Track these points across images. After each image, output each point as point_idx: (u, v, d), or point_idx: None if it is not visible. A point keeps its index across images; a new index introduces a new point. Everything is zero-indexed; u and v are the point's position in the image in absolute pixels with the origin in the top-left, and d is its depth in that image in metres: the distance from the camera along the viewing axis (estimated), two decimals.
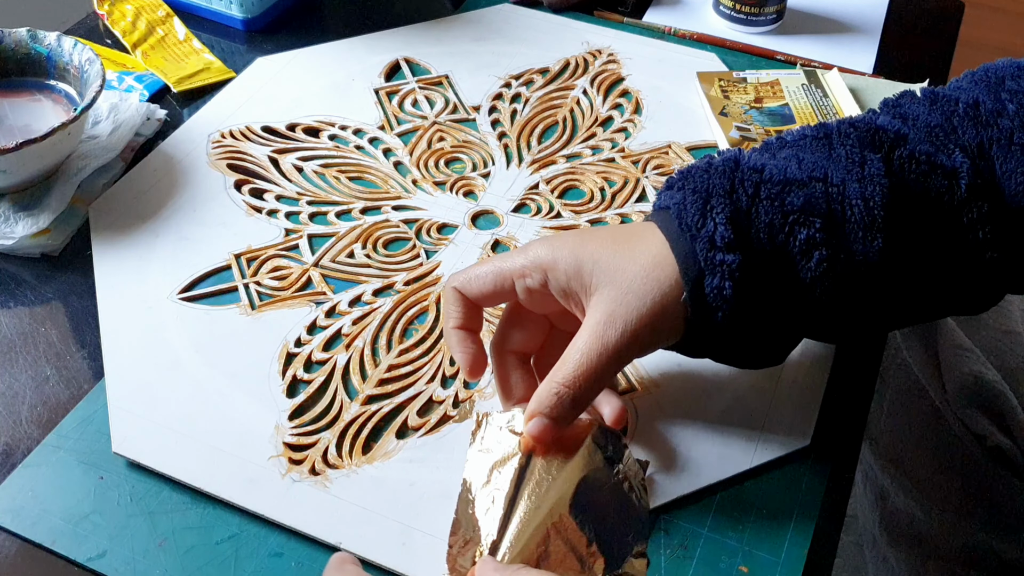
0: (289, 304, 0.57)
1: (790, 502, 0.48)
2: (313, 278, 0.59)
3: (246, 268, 0.59)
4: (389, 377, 0.53)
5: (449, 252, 0.61)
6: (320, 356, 0.54)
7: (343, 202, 0.64)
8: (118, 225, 0.61)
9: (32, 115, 0.65)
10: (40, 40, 0.66)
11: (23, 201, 0.62)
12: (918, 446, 0.76)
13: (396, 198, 0.65)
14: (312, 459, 0.49)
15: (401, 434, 0.51)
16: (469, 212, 0.64)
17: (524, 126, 0.71)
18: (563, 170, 0.67)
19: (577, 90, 0.74)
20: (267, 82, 0.74)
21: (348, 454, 0.49)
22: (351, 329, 0.56)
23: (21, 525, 0.46)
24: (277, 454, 0.49)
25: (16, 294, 0.58)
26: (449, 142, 0.69)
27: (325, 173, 0.66)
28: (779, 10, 0.81)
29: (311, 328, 0.56)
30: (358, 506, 0.47)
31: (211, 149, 0.67)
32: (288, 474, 0.48)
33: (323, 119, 0.70)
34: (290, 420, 0.51)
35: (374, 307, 0.57)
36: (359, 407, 0.52)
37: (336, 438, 0.50)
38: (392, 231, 0.62)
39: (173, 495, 0.47)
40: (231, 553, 0.45)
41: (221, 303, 0.57)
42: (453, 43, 0.79)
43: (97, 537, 0.46)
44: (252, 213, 0.63)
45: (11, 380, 0.53)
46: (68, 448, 0.49)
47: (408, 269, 0.60)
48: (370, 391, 0.52)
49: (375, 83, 0.74)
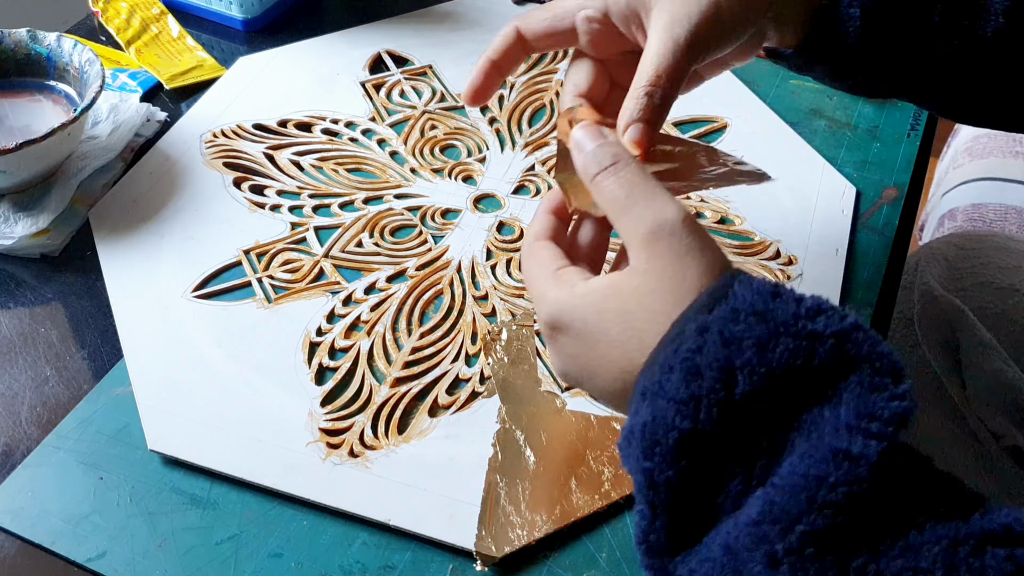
0: (304, 295, 0.57)
1: None
2: (325, 269, 0.59)
3: (256, 263, 0.59)
4: (414, 359, 0.54)
5: (456, 236, 0.62)
6: (343, 343, 0.55)
7: (345, 193, 0.64)
8: (121, 229, 0.61)
9: (32, 116, 0.65)
10: (40, 40, 0.66)
11: (23, 201, 0.61)
12: (936, 445, 0.75)
13: (397, 187, 0.65)
14: (349, 442, 0.50)
15: (433, 412, 0.52)
16: (470, 196, 0.65)
17: (513, 111, 0.72)
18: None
19: (560, 73, 0.76)
20: (252, 81, 0.74)
21: (384, 435, 0.50)
22: (370, 316, 0.56)
23: (21, 525, 0.46)
24: (314, 440, 0.50)
25: (16, 294, 0.58)
26: (441, 130, 0.70)
27: (323, 166, 0.66)
28: None
29: (330, 317, 0.56)
30: (402, 483, 0.48)
31: (205, 149, 0.67)
32: (328, 458, 0.49)
33: (314, 114, 0.71)
34: (322, 406, 0.51)
35: (389, 293, 0.58)
36: (388, 389, 0.52)
37: (370, 420, 0.51)
38: (397, 219, 0.63)
39: (173, 496, 0.48)
40: (231, 554, 0.45)
41: (236, 298, 0.57)
42: (432, 34, 0.80)
43: (97, 538, 0.46)
44: (255, 209, 0.63)
45: (11, 380, 0.53)
46: (68, 449, 0.49)
47: (418, 255, 0.60)
48: (397, 373, 0.53)
49: (360, 76, 0.75)
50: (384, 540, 0.46)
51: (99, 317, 0.57)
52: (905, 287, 0.77)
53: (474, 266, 0.60)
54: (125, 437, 0.50)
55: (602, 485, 0.48)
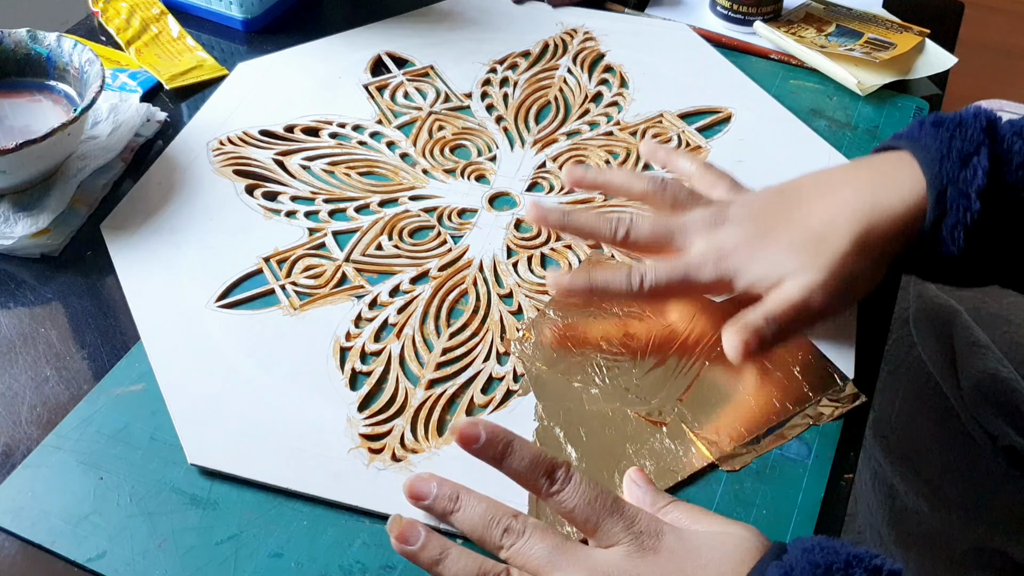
0: (330, 300, 0.57)
1: (789, 504, 0.48)
2: (347, 273, 0.59)
3: (278, 270, 0.59)
4: (445, 360, 0.54)
5: (474, 235, 0.62)
6: (373, 347, 0.54)
7: (359, 197, 0.64)
8: (136, 241, 0.60)
9: (32, 116, 0.64)
10: (40, 40, 0.65)
11: (23, 201, 0.61)
12: (930, 445, 0.75)
13: (411, 188, 0.65)
14: (391, 447, 0.49)
15: (470, 413, 0.52)
16: (485, 195, 0.65)
17: (518, 109, 0.72)
18: (566, 147, 0.69)
19: (562, 70, 0.76)
20: (253, 86, 0.73)
21: (425, 438, 0.50)
22: (397, 318, 0.56)
23: (21, 525, 0.46)
24: (356, 446, 0.49)
25: (16, 295, 0.58)
26: (449, 130, 0.70)
27: (334, 171, 0.66)
28: (775, 10, 0.82)
29: (357, 321, 0.56)
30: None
31: (213, 157, 0.66)
32: (371, 463, 0.49)
33: (320, 118, 0.70)
34: (359, 411, 0.51)
35: (414, 295, 0.58)
36: (424, 392, 0.52)
37: (409, 423, 0.51)
38: (414, 220, 0.63)
39: (173, 496, 0.47)
40: (231, 554, 0.45)
41: (261, 307, 0.57)
42: (430, 34, 0.79)
43: (97, 538, 0.46)
44: (270, 216, 0.62)
45: (11, 381, 0.53)
46: (68, 449, 0.49)
47: (439, 255, 0.60)
48: (430, 375, 0.53)
49: (362, 79, 0.74)
50: (384, 540, 0.45)
51: (99, 317, 0.56)
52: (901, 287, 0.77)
53: (496, 264, 0.60)
54: (125, 437, 0.50)
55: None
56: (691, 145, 0.69)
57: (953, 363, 0.72)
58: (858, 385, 0.53)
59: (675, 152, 0.62)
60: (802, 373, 0.53)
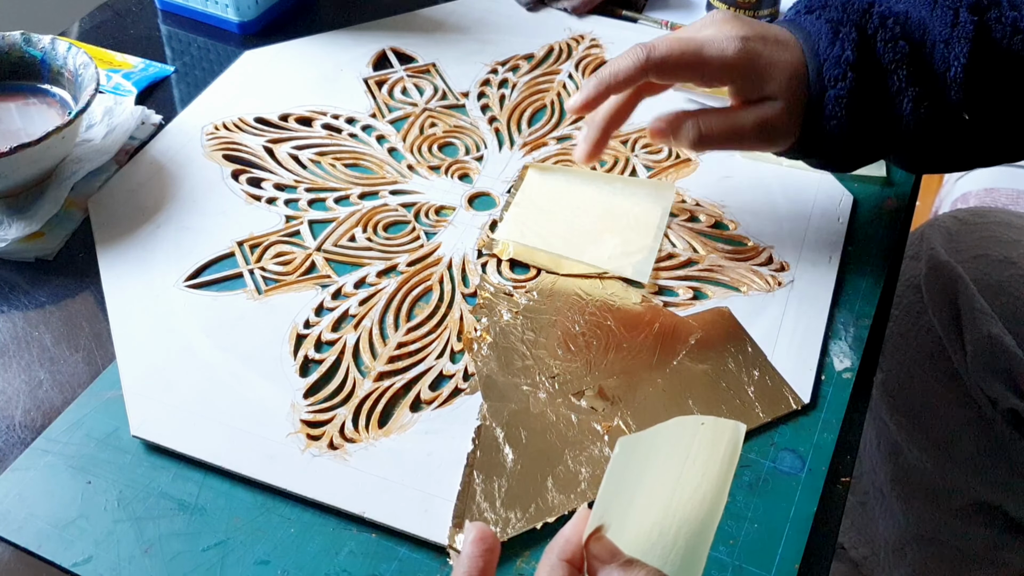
0: (295, 288, 0.58)
1: (782, 517, 0.48)
2: (317, 262, 0.60)
3: (249, 255, 0.60)
4: (399, 354, 0.54)
5: (448, 233, 0.62)
6: (330, 336, 0.55)
7: (341, 188, 0.65)
8: (119, 217, 0.62)
9: (26, 119, 0.65)
10: (34, 44, 0.66)
11: (16, 204, 0.62)
12: (936, 405, 0.77)
13: (393, 183, 0.66)
14: (330, 434, 0.50)
15: (415, 407, 0.52)
16: (465, 194, 0.65)
17: (513, 110, 0.72)
18: (554, 152, 0.69)
19: (563, 74, 0.76)
20: (256, 75, 0.74)
21: (365, 428, 0.51)
22: (358, 310, 0.57)
23: (7, 529, 0.46)
24: (295, 431, 0.50)
25: (10, 298, 0.58)
26: (441, 128, 0.70)
27: (321, 161, 0.67)
28: (772, 14, 0.82)
29: (318, 310, 0.57)
30: (378, 477, 0.48)
31: (206, 141, 0.68)
32: (307, 449, 0.49)
33: (315, 109, 0.71)
34: (305, 398, 0.52)
35: (379, 288, 0.58)
36: (372, 383, 0.53)
37: (352, 413, 0.51)
38: (391, 215, 0.63)
39: (160, 501, 0.48)
40: (217, 560, 0.45)
41: (227, 289, 0.58)
42: (437, 33, 0.80)
43: (83, 542, 0.46)
44: (251, 201, 0.63)
45: (4, 384, 0.54)
46: (56, 452, 0.49)
47: (410, 251, 0.61)
48: (381, 368, 0.54)
49: (363, 73, 0.75)
50: (371, 549, 0.46)
51: (93, 321, 0.57)
52: (912, 256, 0.80)
53: (464, 264, 0.60)
54: (114, 441, 0.50)
55: (579, 485, 0.48)
56: (681, 157, 0.68)
57: (959, 327, 0.74)
58: (867, 346, 0.55)
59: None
60: (756, 394, 0.53)
